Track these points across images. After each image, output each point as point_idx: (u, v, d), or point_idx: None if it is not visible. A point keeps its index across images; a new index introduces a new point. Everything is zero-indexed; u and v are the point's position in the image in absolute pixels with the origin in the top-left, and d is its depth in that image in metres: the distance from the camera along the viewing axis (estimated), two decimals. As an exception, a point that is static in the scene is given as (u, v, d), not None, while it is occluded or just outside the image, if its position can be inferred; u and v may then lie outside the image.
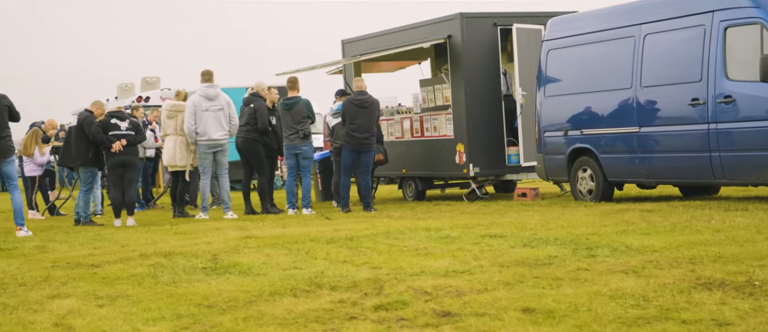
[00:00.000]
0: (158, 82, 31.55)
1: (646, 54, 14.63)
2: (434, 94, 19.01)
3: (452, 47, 18.11)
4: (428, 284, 6.95)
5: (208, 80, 16.16)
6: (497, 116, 18.05)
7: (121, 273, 8.71)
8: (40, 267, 9.58)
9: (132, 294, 7.58)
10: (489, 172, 18.10)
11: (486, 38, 18.05)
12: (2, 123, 13.57)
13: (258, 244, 10.34)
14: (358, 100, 16.63)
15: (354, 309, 6.36)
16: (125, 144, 15.17)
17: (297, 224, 13.62)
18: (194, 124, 15.97)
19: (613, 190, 15.71)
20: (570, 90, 16.02)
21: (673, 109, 14.26)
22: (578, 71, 15.89)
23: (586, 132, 15.66)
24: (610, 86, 15.24)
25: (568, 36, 16.20)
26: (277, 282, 7.52)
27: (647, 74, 14.60)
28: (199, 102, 16.03)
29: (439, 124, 18.50)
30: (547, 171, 16.61)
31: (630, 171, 15.06)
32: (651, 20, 14.68)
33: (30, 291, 8.02)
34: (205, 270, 8.72)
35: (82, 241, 12.28)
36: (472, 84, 17.89)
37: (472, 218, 13.16)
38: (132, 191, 15.56)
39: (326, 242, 10.13)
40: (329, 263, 8.63)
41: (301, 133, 16.70)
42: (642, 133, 14.65)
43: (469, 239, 9.71)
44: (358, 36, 20.80)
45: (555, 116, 16.32)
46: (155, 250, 10.24)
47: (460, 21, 17.89)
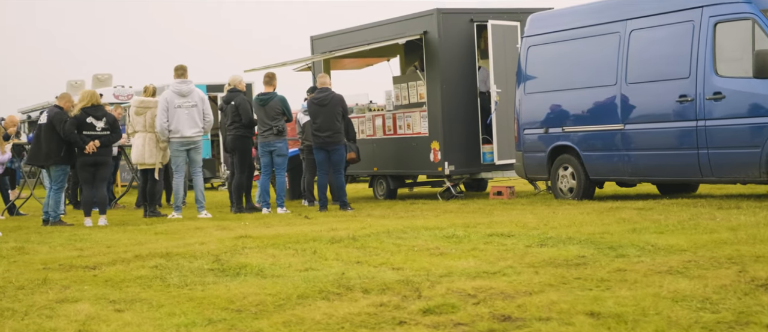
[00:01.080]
0: (110, 79, 30.98)
1: (632, 50, 14.48)
2: (408, 91, 18.73)
3: (428, 43, 17.84)
4: (468, 285, 6.64)
5: (182, 76, 15.70)
6: (473, 113, 17.83)
7: (124, 275, 8.28)
8: (30, 269, 9.12)
9: (147, 298, 7.17)
10: (464, 170, 17.86)
11: (462, 34, 17.82)
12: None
13: (256, 244, 9.96)
14: (317, 98, 16.32)
15: (400, 312, 6.03)
16: (99, 145, 14.64)
17: (281, 224, 13.25)
18: (166, 121, 15.50)
19: (594, 188, 15.53)
20: (551, 87, 15.83)
21: (660, 106, 14.11)
22: (560, 68, 15.70)
23: (567, 129, 15.47)
24: (594, 82, 15.06)
25: (549, 32, 16.01)
26: (301, 285, 7.16)
27: (633, 71, 14.44)
28: (171, 99, 15.56)
29: (413, 121, 18.21)
30: (526, 169, 16.40)
31: (613, 169, 14.90)
32: (637, 16, 14.53)
33: (32, 295, 7.58)
34: (213, 271, 8.33)
35: (61, 242, 11.80)
36: (449, 81, 17.65)
37: (463, 216, 12.89)
38: (104, 190, 15.05)
39: (329, 242, 9.78)
40: (344, 264, 8.29)
41: (275, 129, 16.32)
42: (627, 130, 14.49)
43: (478, 239, 9.42)
44: (328, 32, 20.44)
45: (535, 114, 16.12)
46: (149, 251, 9.82)
47: (436, 17, 17.64)
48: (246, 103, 16.47)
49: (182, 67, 15.73)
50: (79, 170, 14.94)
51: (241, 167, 16.51)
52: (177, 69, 15.71)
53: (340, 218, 14.02)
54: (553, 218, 11.47)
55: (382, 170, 19.11)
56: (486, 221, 11.46)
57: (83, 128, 14.61)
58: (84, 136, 14.59)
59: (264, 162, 16.60)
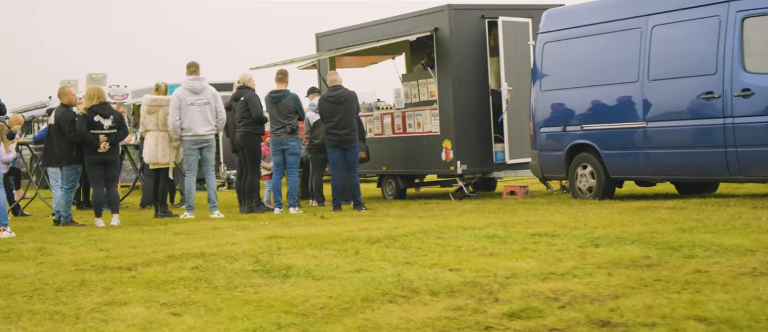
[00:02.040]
0: (104, 78, 30.59)
1: (654, 46, 14.21)
2: (418, 89, 18.42)
3: (439, 40, 17.55)
4: (543, 287, 6.36)
5: (194, 73, 15.34)
6: (485, 111, 17.54)
7: (165, 277, 7.96)
8: (63, 270, 8.78)
9: (199, 300, 6.85)
10: (476, 169, 17.59)
11: (474, 31, 17.53)
12: (-15, 116, 12.66)
13: (291, 245, 9.65)
14: (332, 96, 15.99)
15: (482, 317, 5.73)
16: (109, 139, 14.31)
17: (301, 224, 12.93)
18: (179, 119, 15.15)
19: (614, 187, 15.27)
20: (569, 84, 15.56)
21: (684, 103, 13.85)
22: (578, 65, 15.43)
23: (586, 128, 15.20)
24: (614, 79, 14.79)
25: (566, 28, 15.74)
26: (361, 287, 6.86)
27: (655, 67, 14.18)
28: (184, 96, 15.20)
29: (423, 120, 17.92)
30: (543, 168, 16.13)
31: (635, 168, 14.63)
32: (659, 11, 14.26)
33: (75, 298, 7.24)
34: (256, 272, 8.01)
35: (81, 242, 11.45)
36: (460, 78, 17.36)
37: (488, 216, 12.61)
38: (115, 189, 14.69)
39: (367, 242, 9.48)
40: (394, 265, 7.99)
41: (288, 128, 16.00)
42: (649, 128, 14.22)
43: (522, 239, 9.14)
44: (334, 29, 20.11)
45: (552, 112, 15.85)
46: (180, 252, 9.50)
47: (448, 13, 17.35)
48: (255, 98, 16.14)
49: (195, 64, 15.37)
50: (88, 169, 14.57)
51: (253, 166, 16.16)
52: (189, 66, 15.36)
53: (359, 218, 13.71)
54: (586, 217, 11.21)
55: (391, 170, 18.81)
56: (519, 220, 11.18)
57: (91, 126, 14.25)
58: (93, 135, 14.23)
59: (276, 161, 16.28)
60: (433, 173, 18.47)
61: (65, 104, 14.63)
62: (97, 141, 14.15)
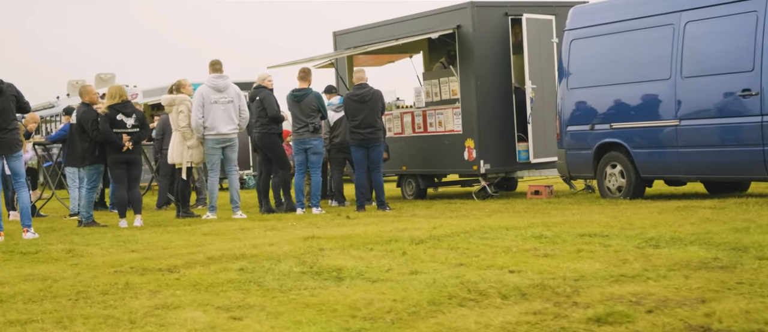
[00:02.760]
0: (113, 78, 30.43)
1: (687, 43, 13.94)
2: (439, 87, 18.15)
3: (461, 38, 17.27)
4: (622, 291, 6.08)
5: (217, 70, 15.06)
6: (508, 110, 17.26)
7: (211, 279, 7.68)
8: (102, 272, 8.50)
9: (256, 304, 6.57)
10: (500, 169, 17.32)
11: (497, 28, 17.25)
12: (9, 114, 12.34)
13: (332, 246, 9.38)
14: (357, 95, 15.72)
15: (566, 322, 5.45)
16: (131, 139, 14.04)
17: (329, 225, 12.66)
18: (201, 117, 14.86)
19: (644, 187, 15.00)
20: (598, 82, 15.29)
21: (720, 101, 13.59)
22: (607, 62, 15.16)
23: (616, 126, 14.93)
24: (645, 77, 14.52)
25: (594, 25, 15.47)
26: (424, 290, 6.58)
27: (688, 64, 13.90)
28: (207, 94, 14.92)
29: (445, 119, 17.63)
30: (570, 167, 15.85)
31: (667, 167, 14.36)
32: (692, 7, 13.98)
33: (124, 301, 6.96)
34: (306, 274, 7.73)
35: (110, 243, 11.17)
36: (483, 77, 17.08)
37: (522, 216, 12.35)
38: (137, 189, 14.40)
39: (411, 243, 9.20)
40: (448, 266, 7.72)
41: (311, 126, 15.73)
42: (682, 126, 13.95)
43: (572, 239, 8.87)
44: (352, 28, 19.82)
45: (579, 110, 15.58)
46: (219, 253, 9.22)
47: (470, 10, 17.06)
48: (271, 97, 15.84)
49: (218, 62, 15.10)
50: (110, 168, 14.29)
51: (280, 164, 15.87)
52: (213, 63, 15.08)
53: (387, 219, 13.46)
54: (628, 217, 10.95)
55: (411, 169, 18.53)
56: (558, 220, 10.92)
57: (113, 125, 13.96)
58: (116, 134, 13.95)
59: (298, 160, 16.00)
60: (454, 172, 18.19)
61: (87, 102, 14.34)
62: (120, 140, 13.87)
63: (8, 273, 8.77)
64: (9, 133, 12.29)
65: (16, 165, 12.47)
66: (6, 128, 12.25)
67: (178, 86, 15.09)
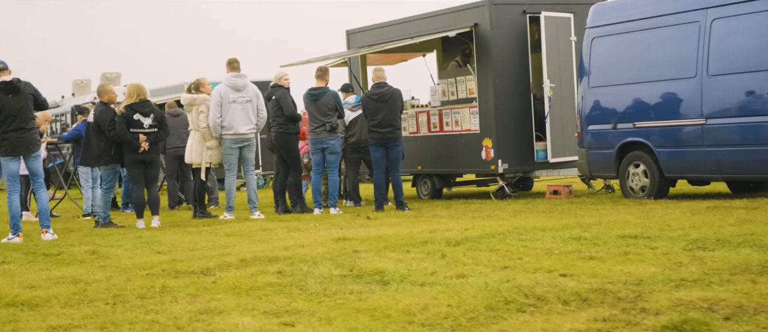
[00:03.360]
0: (119, 78, 30.18)
1: (714, 40, 13.72)
2: (456, 86, 17.93)
3: (479, 36, 17.05)
4: (691, 296, 5.87)
5: (235, 69, 14.83)
6: (526, 109, 17.04)
7: (251, 283, 7.45)
8: (133, 275, 8.28)
9: (304, 309, 6.35)
10: (518, 168, 17.10)
11: (515, 26, 17.03)
12: (27, 113, 12.11)
13: (366, 248, 9.16)
14: (376, 94, 15.51)
15: (638, 330, 5.23)
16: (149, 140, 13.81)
17: (353, 226, 12.44)
18: (219, 116, 14.63)
19: (668, 187, 14.78)
20: (620, 80, 15.07)
21: (748, 99, 13.38)
22: (630, 60, 14.94)
23: (639, 125, 14.71)
24: (670, 75, 14.31)
25: (616, 23, 15.25)
26: (477, 294, 6.36)
27: (715, 62, 13.69)
28: (225, 93, 14.68)
29: (462, 118, 17.40)
30: (591, 167, 15.64)
31: (692, 166, 14.14)
32: (719, 4, 13.76)
33: (164, 306, 6.74)
34: (347, 277, 7.52)
35: (133, 245, 10.94)
36: (501, 75, 16.85)
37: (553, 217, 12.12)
38: (155, 189, 14.17)
39: (447, 245, 8.99)
40: (493, 270, 7.50)
41: (328, 125, 15.50)
42: (708, 125, 13.73)
43: (613, 241, 8.65)
44: (365, 26, 19.59)
45: (601, 109, 15.37)
46: (252, 255, 9.00)
47: (488, 8, 16.83)
48: (287, 96, 15.61)
49: (236, 60, 14.86)
50: (127, 169, 14.08)
51: (294, 166, 15.65)
52: (231, 62, 14.84)
53: (409, 219, 13.25)
54: (661, 217, 10.74)
55: (426, 169, 18.30)
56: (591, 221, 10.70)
57: (131, 125, 13.73)
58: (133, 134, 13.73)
59: (315, 160, 15.78)
60: (471, 172, 17.98)
61: (105, 102, 14.12)
62: (136, 141, 13.64)
63: (36, 276, 8.54)
64: (27, 132, 12.06)
65: (34, 165, 12.25)
66: (24, 127, 12.02)
67: (198, 84, 14.85)
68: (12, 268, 9.33)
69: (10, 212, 12.19)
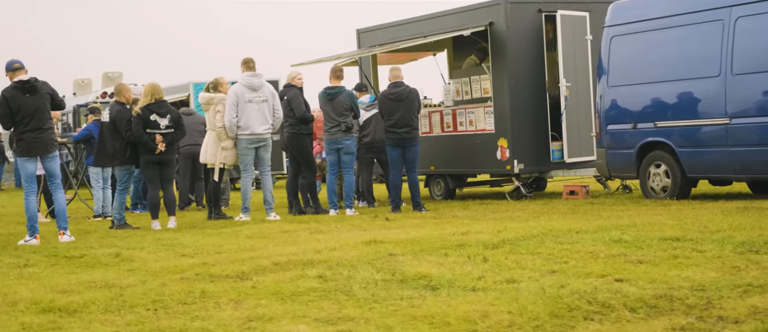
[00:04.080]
0: (120, 77, 29.96)
1: (738, 39, 13.54)
2: (470, 85, 17.72)
3: (494, 35, 16.84)
4: (766, 303, 5.65)
5: (251, 68, 14.59)
6: (541, 109, 16.84)
7: (293, 288, 7.22)
8: (168, 279, 8.04)
9: (358, 316, 6.13)
10: (533, 169, 16.90)
11: (531, 25, 16.83)
12: (44, 113, 11.86)
13: (401, 251, 8.94)
14: (393, 93, 15.29)
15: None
16: (165, 141, 13.57)
17: (375, 227, 12.22)
18: (235, 116, 14.40)
19: (690, 187, 14.59)
20: (641, 79, 14.88)
21: (773, 98, 13.18)
22: (651, 59, 14.75)
23: (660, 125, 14.53)
24: (693, 74, 14.12)
25: (636, 21, 15.06)
26: (536, 300, 6.15)
27: (739, 61, 13.51)
28: (242, 93, 14.45)
29: (476, 117, 17.19)
30: (610, 167, 15.45)
31: (716, 166, 13.96)
32: (743, 2, 13.57)
33: (208, 312, 6.51)
34: (391, 282, 7.30)
35: (155, 247, 10.70)
36: (517, 75, 16.65)
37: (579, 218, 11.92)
38: (171, 190, 13.92)
39: (485, 247, 8.78)
40: (542, 274, 7.29)
41: (343, 125, 15.29)
42: (733, 125, 13.54)
43: (656, 244, 8.45)
44: (376, 25, 19.38)
45: (621, 108, 15.19)
46: (285, 258, 8.77)
47: (504, 6, 16.63)
48: (299, 96, 15.38)
49: (251, 60, 14.63)
50: (143, 169, 13.83)
51: (307, 167, 15.44)
52: (247, 61, 14.61)
53: (430, 220, 13.04)
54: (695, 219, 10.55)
55: (440, 169, 18.09)
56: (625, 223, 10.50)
57: (147, 126, 13.49)
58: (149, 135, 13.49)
59: (331, 161, 15.56)
60: (486, 172, 17.77)
61: (122, 101, 13.88)
62: (152, 143, 13.39)
63: (65, 280, 8.31)
64: (44, 132, 11.82)
65: (51, 166, 12.01)
66: (41, 127, 11.78)
67: (216, 84, 14.61)
68: (37, 271, 9.10)
69: (28, 214, 11.94)
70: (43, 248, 11.20)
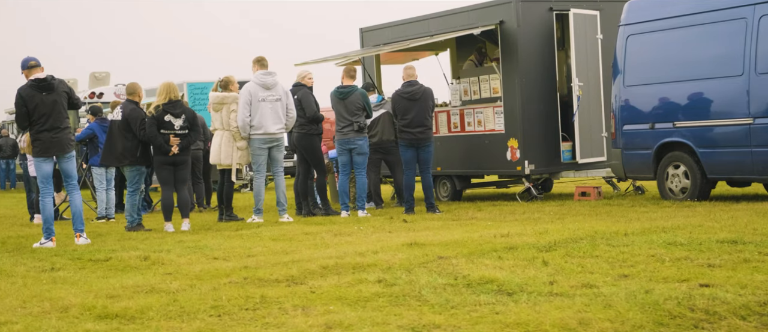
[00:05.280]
0: (108, 77, 29.46)
1: (762, 37, 13.33)
2: (479, 85, 17.45)
3: (505, 34, 16.57)
4: None
5: (264, 67, 14.25)
6: (552, 108, 16.59)
7: (356, 293, 6.89)
8: (217, 284, 7.68)
9: (444, 324, 5.82)
10: (544, 169, 16.65)
11: (542, 24, 16.57)
12: (61, 112, 11.46)
13: (449, 253, 8.63)
14: (407, 92, 15.00)
15: None
16: (180, 144, 13.20)
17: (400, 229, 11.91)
18: (249, 115, 14.04)
19: (710, 188, 14.38)
20: (659, 79, 14.65)
21: (800, 98, 12.99)
22: (670, 58, 14.52)
23: (679, 125, 14.30)
24: (714, 73, 13.90)
25: (653, 20, 14.83)
26: (632, 307, 5.87)
27: (764, 60, 13.31)
28: (255, 91, 14.09)
29: (485, 118, 16.91)
30: (626, 168, 15.20)
31: (738, 167, 13.75)
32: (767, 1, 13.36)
33: (277, 318, 6.18)
34: (458, 287, 6.99)
35: (182, 250, 10.32)
36: (528, 74, 16.39)
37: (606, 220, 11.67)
38: (185, 192, 13.55)
39: (539, 250, 8.49)
40: (615, 278, 7.01)
41: (355, 125, 14.97)
42: (757, 125, 13.34)
43: (717, 247, 8.18)
44: (380, 24, 19.08)
45: (638, 108, 14.94)
46: (332, 262, 8.44)
47: (515, 5, 16.36)
48: (310, 96, 15.07)
49: (264, 58, 14.28)
50: (156, 170, 13.46)
51: (317, 168, 15.12)
52: (260, 60, 14.26)
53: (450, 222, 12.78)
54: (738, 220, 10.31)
55: (446, 170, 17.79)
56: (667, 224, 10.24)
57: (161, 126, 13.11)
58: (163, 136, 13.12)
59: (342, 161, 15.23)
60: (495, 173, 17.50)
61: (136, 101, 13.50)
62: (166, 145, 13.01)
63: (106, 284, 7.94)
64: (61, 132, 11.42)
65: (68, 166, 11.61)
66: (58, 127, 11.38)
67: (226, 82, 14.24)
68: (68, 275, 8.72)
69: (44, 216, 11.54)
70: (62, 251, 10.81)
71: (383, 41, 18.58)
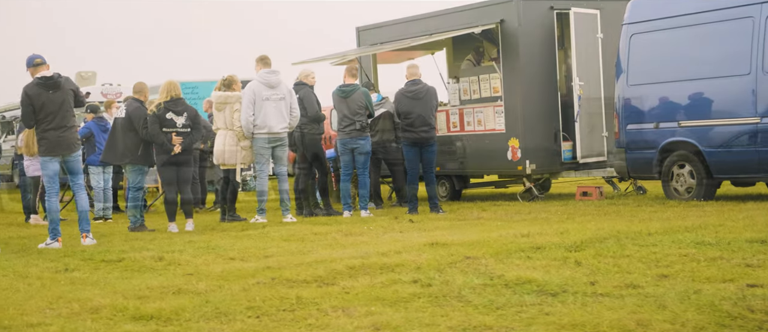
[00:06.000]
0: (94, 76, 29.16)
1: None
2: (479, 84, 17.33)
3: (505, 33, 16.44)
4: None
5: (268, 65, 14.06)
6: (553, 108, 16.48)
7: (392, 294, 6.74)
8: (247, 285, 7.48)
9: (496, 325, 5.68)
10: (545, 169, 16.54)
11: (543, 23, 16.46)
12: (68, 110, 11.25)
13: (477, 254, 8.49)
14: (411, 91, 14.86)
15: None
16: (183, 143, 13.00)
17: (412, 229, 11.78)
18: (252, 114, 13.85)
19: (715, 188, 14.31)
20: (663, 78, 14.56)
21: (807, 97, 12.93)
22: (675, 57, 14.43)
23: (685, 124, 14.22)
24: (721, 72, 13.82)
25: (657, 18, 14.73)
26: (688, 309, 5.74)
27: (771, 59, 13.23)
28: (259, 90, 13.90)
29: (485, 117, 16.78)
30: (630, 168, 15.10)
31: (744, 167, 13.67)
32: (775, 0, 13.30)
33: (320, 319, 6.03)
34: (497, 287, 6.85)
35: (195, 251, 10.12)
36: (529, 74, 16.27)
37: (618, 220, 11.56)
38: (189, 191, 13.35)
39: (568, 250, 8.37)
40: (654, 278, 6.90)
41: (358, 124, 14.80)
42: (764, 124, 13.27)
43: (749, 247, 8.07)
44: (377, 23, 18.91)
45: (642, 107, 14.85)
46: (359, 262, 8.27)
47: (516, 4, 16.24)
48: (312, 95, 14.90)
49: (267, 57, 14.09)
50: (159, 170, 13.26)
51: (320, 168, 14.96)
52: (263, 58, 14.06)
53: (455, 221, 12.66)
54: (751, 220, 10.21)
55: (445, 170, 17.65)
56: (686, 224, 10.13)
57: (163, 124, 12.91)
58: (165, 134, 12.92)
59: (345, 161, 15.06)
60: (495, 173, 17.37)
61: (141, 99, 13.29)
62: (169, 143, 12.81)
63: (130, 285, 7.75)
64: (68, 130, 11.20)
65: (74, 166, 11.39)
66: (65, 125, 11.16)
67: (230, 82, 14.03)
68: (86, 276, 8.53)
69: (50, 216, 11.32)
70: (70, 251, 10.59)
71: (380, 40, 18.42)
